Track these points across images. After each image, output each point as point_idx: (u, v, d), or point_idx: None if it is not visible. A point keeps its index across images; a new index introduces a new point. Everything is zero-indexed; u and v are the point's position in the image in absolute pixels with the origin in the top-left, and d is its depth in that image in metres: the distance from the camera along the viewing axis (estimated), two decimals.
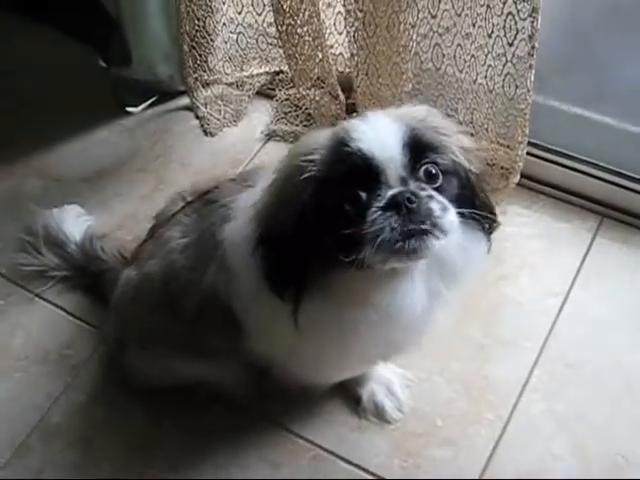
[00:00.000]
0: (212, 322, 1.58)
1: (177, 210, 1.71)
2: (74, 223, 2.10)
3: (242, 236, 1.42)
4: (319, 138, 1.33)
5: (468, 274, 1.42)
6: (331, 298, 1.35)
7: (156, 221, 1.81)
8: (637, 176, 2.07)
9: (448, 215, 1.27)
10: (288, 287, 1.35)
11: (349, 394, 1.87)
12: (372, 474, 1.79)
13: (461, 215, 1.31)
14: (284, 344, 1.54)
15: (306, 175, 1.29)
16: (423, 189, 1.27)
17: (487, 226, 1.40)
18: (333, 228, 1.27)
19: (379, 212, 1.24)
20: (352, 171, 1.26)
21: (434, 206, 1.26)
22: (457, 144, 1.35)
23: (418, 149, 1.28)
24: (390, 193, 1.25)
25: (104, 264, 2.01)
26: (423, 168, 1.29)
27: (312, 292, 1.35)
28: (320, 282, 1.33)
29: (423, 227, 1.24)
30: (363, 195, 1.26)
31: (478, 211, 1.36)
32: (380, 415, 1.85)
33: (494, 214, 1.43)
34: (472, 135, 2.05)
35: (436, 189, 1.29)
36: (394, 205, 1.24)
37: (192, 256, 1.59)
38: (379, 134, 1.28)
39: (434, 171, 1.30)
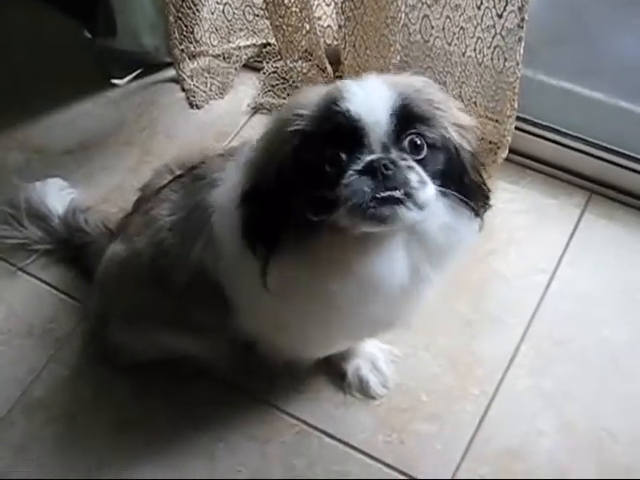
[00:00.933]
0: (200, 297, 1.57)
1: (164, 184, 1.70)
2: (57, 196, 2.09)
3: (228, 200, 1.41)
4: (312, 95, 1.32)
5: (455, 254, 1.40)
6: (304, 262, 1.33)
7: (142, 193, 1.80)
8: (626, 152, 2.06)
9: (425, 189, 1.25)
10: (260, 242, 1.34)
11: (334, 370, 1.87)
12: (357, 449, 1.79)
13: (444, 193, 1.30)
14: (268, 317, 1.52)
15: (293, 128, 1.28)
16: (404, 159, 1.25)
17: (477, 207, 1.38)
18: (310, 185, 1.26)
19: (355, 175, 1.23)
20: (336, 130, 1.25)
21: (412, 177, 1.24)
22: (451, 120, 1.33)
23: (406, 118, 1.27)
24: (369, 158, 1.24)
25: (87, 236, 1.99)
26: (408, 138, 1.27)
27: (284, 253, 1.33)
28: (294, 243, 1.31)
29: (396, 195, 1.23)
30: (343, 156, 1.25)
31: (468, 190, 1.34)
32: (365, 391, 1.85)
33: (486, 196, 1.40)
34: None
35: (419, 161, 1.27)
36: (371, 170, 1.23)
37: (180, 233, 1.58)
38: (369, 97, 1.26)
39: (419, 142, 1.28)
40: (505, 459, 1.76)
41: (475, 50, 1.89)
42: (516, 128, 2.05)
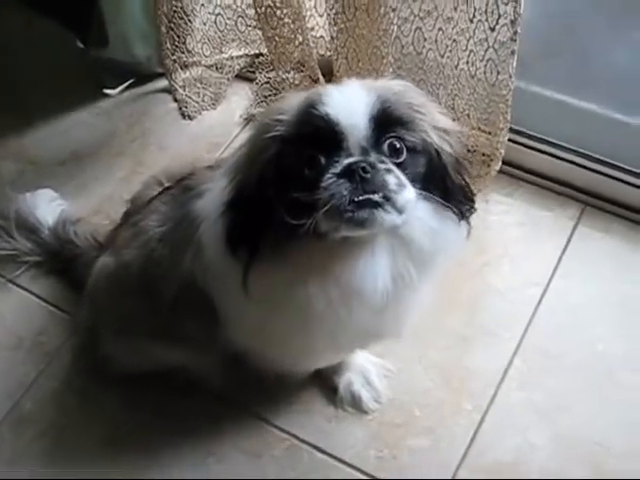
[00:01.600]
0: (190, 309, 1.56)
1: (154, 196, 1.69)
2: (47, 207, 2.08)
3: (213, 209, 1.41)
4: (292, 100, 1.32)
5: (441, 259, 1.39)
6: (284, 267, 1.32)
7: (131, 205, 1.79)
8: (620, 164, 2.05)
9: (404, 192, 1.25)
10: (242, 247, 1.33)
11: (326, 383, 1.85)
12: (348, 464, 1.77)
13: (426, 196, 1.29)
14: (254, 328, 1.51)
15: (272, 134, 1.29)
16: (382, 162, 1.25)
17: (461, 210, 1.36)
18: (289, 189, 1.26)
19: (333, 178, 1.23)
20: (315, 134, 1.26)
21: (390, 180, 1.24)
22: (432, 123, 1.33)
23: (386, 122, 1.26)
24: (347, 161, 1.24)
25: (77, 249, 1.98)
26: (387, 142, 1.27)
27: (265, 258, 1.32)
28: (274, 249, 1.31)
29: (374, 199, 1.23)
30: (322, 159, 1.25)
31: (451, 194, 1.33)
32: (357, 405, 1.83)
33: (470, 199, 1.40)
34: (453, 120, 2.03)
35: (399, 165, 1.27)
36: (349, 173, 1.23)
37: (169, 244, 1.57)
38: (348, 101, 1.26)
39: (398, 146, 1.27)
40: (498, 473, 1.75)
41: (468, 63, 1.88)
42: (509, 140, 2.04)
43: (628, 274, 2.01)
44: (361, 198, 1.22)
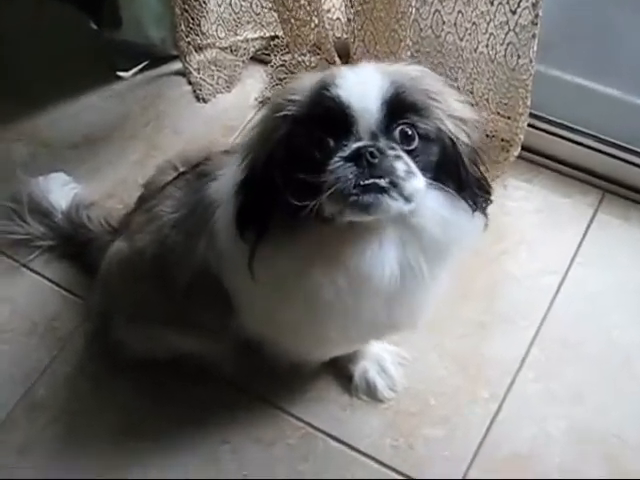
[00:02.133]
0: (203, 296, 1.54)
1: (168, 181, 1.67)
2: (60, 191, 2.07)
3: (227, 189, 1.39)
4: (306, 80, 1.31)
5: (454, 251, 1.36)
6: (291, 251, 1.31)
7: (145, 190, 1.78)
8: None
9: (413, 180, 1.22)
10: (249, 228, 1.32)
11: (341, 372, 1.84)
12: (363, 453, 1.76)
13: (436, 185, 1.27)
14: (266, 316, 1.49)
15: (284, 113, 1.27)
16: (392, 148, 1.22)
17: (476, 201, 1.34)
18: (297, 171, 1.24)
19: (340, 162, 1.21)
20: (326, 116, 1.24)
21: (398, 166, 1.21)
22: (448, 111, 1.30)
23: (398, 107, 1.24)
24: (356, 145, 1.22)
25: (90, 233, 1.97)
26: (399, 128, 1.24)
27: (272, 240, 1.31)
28: (281, 231, 1.29)
29: (380, 183, 1.20)
30: (331, 142, 1.23)
31: (465, 185, 1.31)
32: (372, 393, 1.82)
33: (486, 191, 1.37)
34: (472, 105, 1.99)
35: (410, 152, 1.24)
36: (357, 157, 1.21)
37: (184, 230, 1.56)
38: (361, 84, 1.24)
39: (410, 133, 1.25)
40: (514, 464, 1.74)
41: (487, 46, 1.85)
42: (529, 125, 2.00)
43: None
44: (367, 182, 1.20)
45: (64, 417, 1.86)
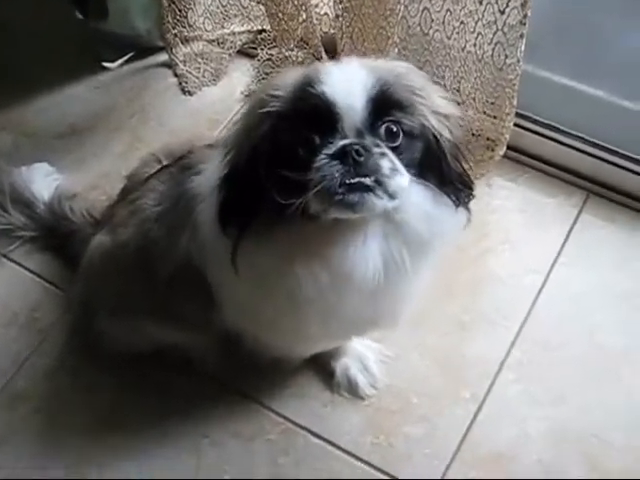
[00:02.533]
0: (185, 289, 1.54)
1: (151, 173, 1.66)
2: (42, 182, 2.05)
3: (210, 183, 1.39)
4: (289, 76, 1.29)
5: (436, 245, 1.36)
6: (274, 246, 1.30)
7: (128, 182, 1.77)
8: (625, 152, 2.02)
9: (397, 178, 1.22)
10: (232, 223, 1.31)
11: (323, 368, 1.84)
12: (343, 450, 1.76)
13: (424, 181, 1.27)
14: (248, 310, 1.49)
15: (267, 109, 1.26)
16: (377, 145, 1.22)
17: (459, 197, 1.34)
18: (282, 168, 1.23)
19: (326, 159, 1.20)
20: (311, 113, 1.23)
21: (384, 164, 1.21)
22: (432, 108, 1.29)
23: (383, 104, 1.23)
24: (341, 143, 1.21)
25: (73, 225, 1.96)
26: (384, 125, 1.24)
27: (255, 236, 1.30)
28: (264, 227, 1.29)
29: (366, 182, 1.20)
30: (316, 139, 1.22)
31: (448, 180, 1.31)
32: (353, 390, 1.82)
33: (468, 186, 1.37)
34: (458, 104, 1.99)
35: (394, 149, 1.24)
36: (342, 155, 1.20)
37: (167, 224, 1.55)
38: (346, 81, 1.23)
39: (395, 130, 1.24)
40: (494, 463, 1.74)
41: (475, 45, 1.85)
42: (515, 125, 2.01)
43: (629, 264, 1.98)
44: (352, 181, 1.20)
45: (45, 408, 1.85)
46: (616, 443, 1.75)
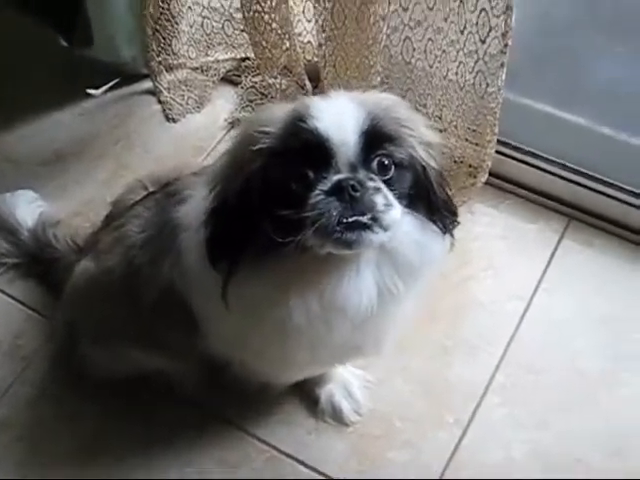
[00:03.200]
0: (169, 316, 1.54)
1: (137, 200, 1.66)
2: (26, 209, 2.04)
3: (195, 214, 1.38)
4: (277, 111, 1.30)
5: (425, 272, 1.37)
6: (265, 280, 1.30)
7: (113, 208, 1.76)
8: (606, 178, 2.04)
9: (391, 211, 1.23)
10: (222, 257, 1.31)
11: (307, 395, 1.84)
12: (328, 477, 1.76)
13: (414, 210, 1.29)
14: (233, 338, 1.49)
15: (258, 146, 1.26)
16: (371, 179, 1.23)
17: (445, 224, 1.36)
18: (275, 204, 1.23)
19: (322, 196, 1.21)
20: (303, 148, 1.23)
21: (378, 200, 1.22)
22: (419, 139, 1.31)
23: (375, 138, 1.25)
24: (336, 178, 1.22)
25: (56, 252, 1.95)
26: (377, 158, 1.25)
27: (246, 270, 1.30)
28: (255, 261, 1.29)
29: (362, 220, 1.21)
30: (310, 174, 1.23)
31: (435, 208, 1.33)
32: (338, 417, 1.82)
33: (453, 213, 1.39)
34: (440, 131, 2.02)
35: (386, 181, 1.25)
36: (338, 191, 1.21)
37: (151, 251, 1.55)
38: (338, 116, 1.24)
39: (387, 162, 1.26)
40: None
41: (457, 74, 1.87)
42: (496, 152, 2.03)
43: (611, 289, 2.00)
44: (350, 220, 1.20)
45: (27, 436, 1.83)
46: (597, 466, 1.76)
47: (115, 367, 1.77)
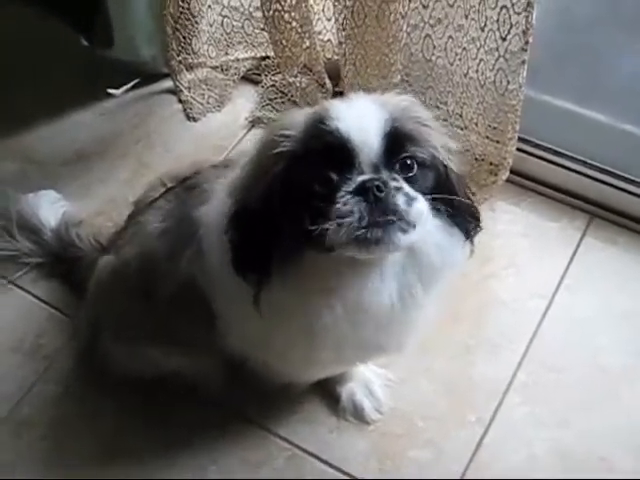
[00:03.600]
0: (188, 311, 1.53)
1: (157, 196, 1.67)
2: (49, 209, 2.06)
3: (216, 216, 1.39)
4: (299, 115, 1.30)
5: (446, 274, 1.38)
6: (295, 284, 1.30)
7: (135, 208, 1.77)
8: (628, 175, 2.03)
9: (416, 205, 1.23)
10: (252, 269, 1.31)
11: (328, 393, 1.84)
12: (350, 475, 1.76)
13: (436, 211, 1.28)
14: (256, 337, 1.49)
15: (280, 149, 1.26)
16: (394, 179, 1.23)
17: (467, 229, 1.36)
18: (299, 207, 1.24)
19: (347, 196, 1.21)
20: (326, 150, 1.23)
21: (402, 198, 1.22)
22: (440, 140, 1.31)
23: (397, 139, 1.25)
24: (360, 179, 1.22)
25: (79, 251, 1.96)
26: (399, 159, 1.25)
27: (276, 277, 1.30)
28: (284, 266, 1.29)
29: (389, 220, 1.21)
30: (334, 176, 1.23)
31: (457, 212, 1.32)
32: (359, 415, 1.82)
33: (476, 217, 1.39)
34: (461, 129, 2.01)
35: (409, 179, 1.25)
36: (363, 191, 1.21)
37: (169, 242, 1.55)
38: (359, 117, 1.24)
39: (409, 162, 1.26)
40: None
41: (477, 72, 1.86)
42: (517, 149, 2.02)
43: (634, 287, 1.99)
44: (377, 220, 1.20)
45: (51, 435, 1.84)
46: (620, 464, 1.75)
47: (135, 365, 1.77)
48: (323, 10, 2.24)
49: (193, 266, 1.48)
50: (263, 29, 2.32)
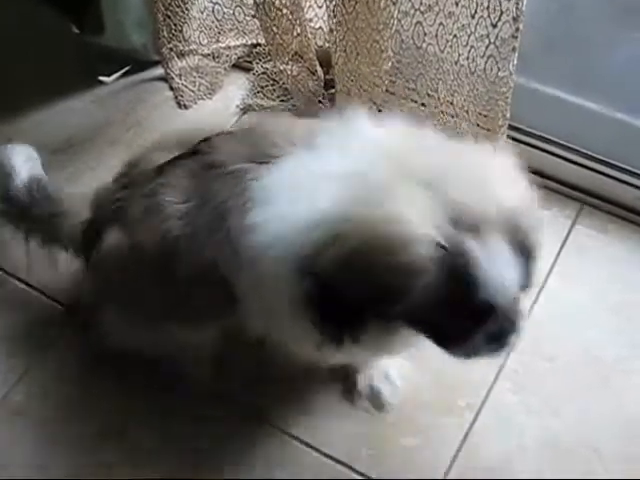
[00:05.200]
0: (205, 292, 1.50)
1: (161, 164, 1.59)
2: (24, 163, 1.94)
3: (283, 245, 1.33)
4: (423, 251, 1.23)
5: None
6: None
7: (129, 169, 1.73)
8: (619, 164, 2.03)
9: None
10: (340, 335, 1.33)
11: (343, 379, 1.84)
12: (339, 462, 1.76)
13: None
14: (284, 328, 1.50)
15: (404, 283, 1.23)
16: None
17: None
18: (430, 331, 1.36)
19: (483, 338, 1.32)
20: (471, 311, 1.27)
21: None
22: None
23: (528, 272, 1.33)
24: (499, 327, 1.31)
25: (54, 207, 1.85)
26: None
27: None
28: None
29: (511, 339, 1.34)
30: (469, 324, 1.30)
31: None
32: (376, 400, 1.82)
33: None
34: (452, 117, 2.01)
35: None
36: (499, 335, 1.33)
37: (192, 224, 1.49)
38: (504, 279, 1.27)
39: None
40: (490, 474, 1.74)
41: (468, 59, 1.86)
42: (508, 137, 2.02)
43: (624, 275, 1.99)
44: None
45: (43, 423, 1.84)
46: (610, 453, 1.75)
47: (139, 342, 1.72)
48: None
49: (219, 254, 1.45)
50: (254, 16, 2.31)
